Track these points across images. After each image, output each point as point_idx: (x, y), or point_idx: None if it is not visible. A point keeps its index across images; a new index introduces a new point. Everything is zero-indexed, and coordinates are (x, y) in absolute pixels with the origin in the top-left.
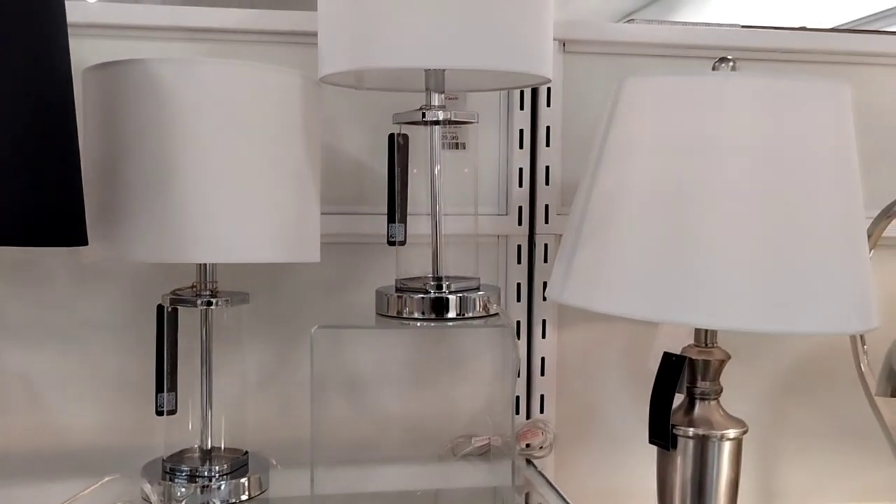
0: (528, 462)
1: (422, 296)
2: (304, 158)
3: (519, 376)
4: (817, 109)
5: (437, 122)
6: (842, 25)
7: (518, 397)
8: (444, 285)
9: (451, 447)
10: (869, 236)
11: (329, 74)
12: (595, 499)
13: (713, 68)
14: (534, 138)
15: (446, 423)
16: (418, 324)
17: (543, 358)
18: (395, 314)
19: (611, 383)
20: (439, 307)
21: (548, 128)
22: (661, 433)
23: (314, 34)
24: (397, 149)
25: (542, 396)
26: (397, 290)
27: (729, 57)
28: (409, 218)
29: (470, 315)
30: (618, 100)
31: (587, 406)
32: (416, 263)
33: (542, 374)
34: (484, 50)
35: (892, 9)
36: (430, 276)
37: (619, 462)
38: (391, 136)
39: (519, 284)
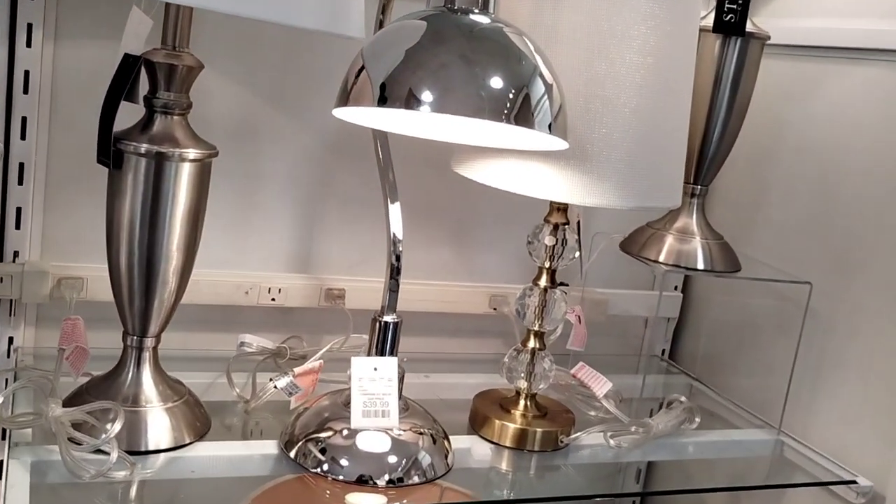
0: None
1: None
2: None
3: None
4: None
5: None
6: None
7: None
8: None
9: None
10: None
11: None
12: (86, 246)
13: None
14: None
15: None
16: None
17: (27, 71)
18: None
19: None
20: None
21: None
22: (107, 148)
23: None
24: None
25: (23, 119)
26: None
27: None
28: None
29: None
30: None
31: (90, 142)
32: None
33: (25, 91)
34: None
35: None
36: None
37: None
38: None
39: None
